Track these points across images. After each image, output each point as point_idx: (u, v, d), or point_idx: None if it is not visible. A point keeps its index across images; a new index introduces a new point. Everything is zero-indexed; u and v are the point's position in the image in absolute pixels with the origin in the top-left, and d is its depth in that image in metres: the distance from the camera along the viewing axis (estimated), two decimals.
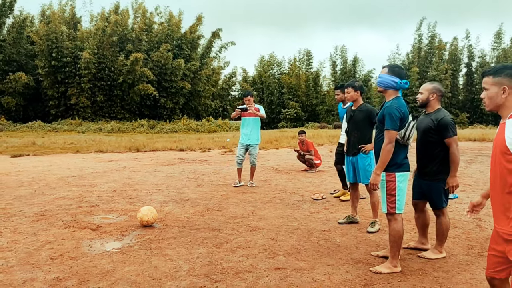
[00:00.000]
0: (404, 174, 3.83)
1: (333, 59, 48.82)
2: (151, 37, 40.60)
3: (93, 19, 42.87)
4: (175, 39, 41.24)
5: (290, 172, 10.25)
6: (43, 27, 36.82)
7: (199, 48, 44.61)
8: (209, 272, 3.79)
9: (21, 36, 39.02)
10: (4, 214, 5.90)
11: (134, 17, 42.59)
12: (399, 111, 3.70)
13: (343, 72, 47.76)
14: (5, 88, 37.01)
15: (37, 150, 16.37)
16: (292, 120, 43.98)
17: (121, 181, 8.87)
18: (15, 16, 40.27)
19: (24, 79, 36.38)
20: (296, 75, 46.97)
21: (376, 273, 3.77)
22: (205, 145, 18.19)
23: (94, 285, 3.49)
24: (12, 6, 39.73)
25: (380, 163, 3.75)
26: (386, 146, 3.70)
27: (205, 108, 44.12)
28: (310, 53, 49.13)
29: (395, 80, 3.76)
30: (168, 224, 5.39)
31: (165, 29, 41.16)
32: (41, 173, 10.19)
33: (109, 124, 34.04)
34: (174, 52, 39.62)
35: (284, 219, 5.67)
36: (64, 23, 38.83)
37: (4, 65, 37.75)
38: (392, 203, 3.80)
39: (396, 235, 3.79)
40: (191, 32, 42.30)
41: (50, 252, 4.29)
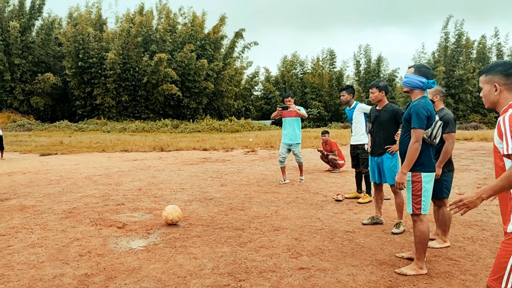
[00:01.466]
0: (430, 175, 3.77)
1: (357, 58, 48.46)
2: (175, 38, 41.05)
3: (118, 20, 43.67)
4: (198, 40, 41.58)
5: (313, 172, 10.22)
6: (71, 28, 37.67)
7: (222, 48, 44.89)
8: (233, 271, 3.82)
9: (49, 38, 40.01)
10: (34, 211, 6.07)
11: (158, 18, 43.14)
12: (426, 109, 3.68)
13: (367, 72, 47.32)
14: (34, 88, 38.06)
15: (64, 149, 16.76)
16: (315, 120, 43.79)
17: (146, 180, 9.00)
18: (43, 18, 41.36)
19: (52, 80, 37.33)
20: (319, 74, 46.74)
21: (401, 275, 3.73)
22: (228, 144, 18.29)
23: (121, 281, 3.56)
24: (41, 9, 40.81)
25: (407, 162, 3.71)
26: (413, 145, 3.67)
27: (228, 108, 44.35)
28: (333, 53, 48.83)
29: (421, 80, 3.72)
30: (192, 223, 5.45)
31: (188, 29, 41.55)
32: (68, 171, 10.43)
33: (133, 123, 34.58)
34: (197, 52, 39.96)
35: (308, 220, 5.65)
36: (90, 25, 39.63)
37: (33, 66, 38.78)
38: (417, 204, 3.75)
39: (422, 236, 3.74)
40: (215, 33, 42.59)
41: (78, 249, 4.39)
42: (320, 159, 11.03)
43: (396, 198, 5.17)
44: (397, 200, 5.15)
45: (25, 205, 6.52)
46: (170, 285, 3.49)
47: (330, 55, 48.99)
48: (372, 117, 5.41)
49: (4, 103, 37.61)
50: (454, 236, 4.84)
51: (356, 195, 7.05)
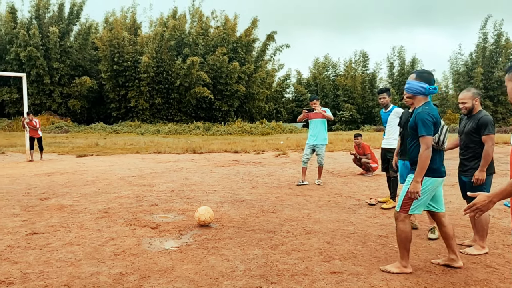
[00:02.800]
0: (431, 179, 3.76)
1: (390, 60, 47.66)
2: (207, 41, 41.46)
3: (152, 25, 44.47)
4: (230, 43, 41.86)
5: (346, 176, 10.11)
6: (106, 33, 38.64)
7: (254, 51, 45.03)
8: (265, 273, 3.82)
9: (86, 42, 41.17)
10: (72, 211, 6.25)
11: (191, 21, 43.71)
12: (431, 116, 3.68)
13: (401, 74, 46.46)
14: (71, 91, 39.25)
15: (99, 151, 17.19)
16: (347, 123, 43.31)
17: (178, 182, 9.12)
18: (81, 23, 42.60)
19: (88, 83, 38.39)
20: (352, 76, 46.23)
21: (386, 272, 3.83)
22: (259, 147, 18.32)
23: (155, 281, 3.62)
24: (79, 15, 42.08)
25: (419, 170, 3.68)
26: (424, 152, 3.64)
27: (259, 111, 44.43)
28: (366, 55, 48.16)
29: (423, 86, 3.74)
30: (224, 225, 5.48)
31: (221, 32, 41.89)
32: (103, 172, 10.69)
33: (166, 126, 35.11)
34: (229, 55, 40.23)
35: (340, 223, 5.60)
36: (125, 29, 40.55)
37: (71, 70, 40.00)
38: (407, 204, 3.79)
39: (402, 235, 3.80)
40: (246, 35, 42.78)
41: (113, 248, 4.49)
42: (352, 162, 10.90)
43: None
44: None
45: (63, 204, 6.72)
46: (202, 286, 3.52)
47: (363, 57, 48.35)
48: (404, 120, 5.32)
49: (44, 106, 38.91)
50: (493, 243, 4.69)
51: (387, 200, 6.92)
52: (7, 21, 39.51)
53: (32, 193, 7.71)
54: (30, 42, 36.82)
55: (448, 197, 7.36)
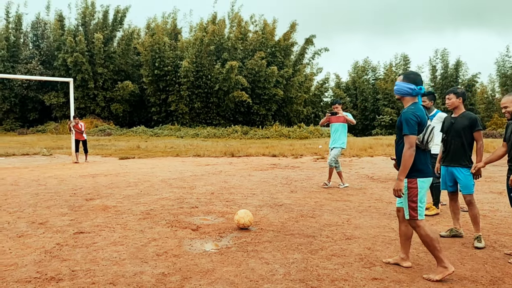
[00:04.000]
0: (425, 180, 3.83)
1: (432, 63, 46.51)
2: (246, 46, 41.79)
3: (192, 30, 45.28)
4: (269, 47, 42.01)
5: (387, 181, 9.93)
6: (148, 38, 39.64)
7: (292, 55, 45.00)
8: (305, 277, 3.81)
9: (129, 47, 42.39)
10: (115, 212, 6.45)
11: (230, 26, 44.18)
12: (415, 116, 3.75)
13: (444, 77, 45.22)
14: (114, 95, 40.52)
15: (141, 153, 17.64)
16: (387, 127, 42.53)
17: (218, 184, 9.23)
18: (124, 29, 43.95)
19: (130, 87, 39.51)
20: (392, 80, 45.38)
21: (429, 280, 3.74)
22: (297, 151, 18.28)
23: (196, 282, 3.68)
24: (122, 21, 43.45)
25: (403, 168, 3.75)
26: (407, 151, 3.72)
27: (297, 115, 44.32)
28: (407, 58, 47.23)
29: (410, 87, 3.85)
30: (263, 228, 5.50)
31: (259, 37, 42.12)
32: (145, 174, 10.95)
33: (205, 129, 35.61)
34: (267, 59, 40.38)
35: (381, 229, 5.50)
36: (166, 34, 41.46)
37: (114, 75, 41.30)
38: (414, 210, 3.81)
39: (426, 239, 3.80)
40: (285, 39, 42.82)
41: (156, 249, 4.60)
42: (393, 167, 10.67)
43: (471, 210, 4.91)
44: (472, 212, 4.88)
45: (107, 205, 6.94)
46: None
47: (404, 60, 47.42)
48: (447, 125, 5.18)
49: (88, 110, 40.33)
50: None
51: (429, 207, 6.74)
52: (55, 29, 41.31)
53: (78, 194, 8.01)
54: (77, 48, 38.29)
55: (495, 205, 7.10)
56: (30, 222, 5.75)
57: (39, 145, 22.47)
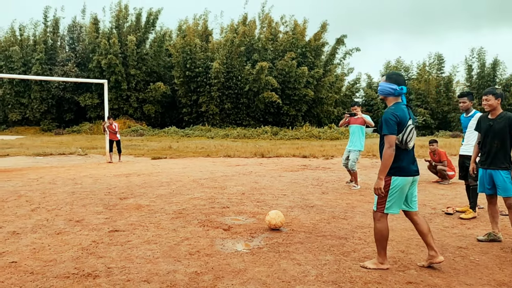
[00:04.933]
0: (399, 178, 3.90)
1: (468, 62, 45.24)
2: (276, 46, 41.74)
3: (223, 31, 45.54)
4: (299, 47, 41.83)
5: (420, 183, 9.71)
6: (180, 40, 40.16)
7: (323, 55, 44.66)
8: (337, 279, 3.78)
9: (160, 49, 43.07)
10: (149, 211, 6.57)
11: (260, 27, 44.22)
12: (394, 116, 3.84)
13: (480, 77, 43.93)
14: (146, 97, 41.26)
15: (173, 154, 17.88)
16: (420, 128, 41.66)
17: (248, 185, 9.26)
18: (156, 31, 44.70)
19: (162, 89, 40.13)
20: (426, 80, 44.48)
21: (364, 268, 4.03)
22: (327, 152, 18.14)
23: (228, 282, 3.70)
24: (154, 23, 44.20)
25: (382, 167, 3.86)
26: (387, 151, 3.82)
27: (327, 115, 43.98)
28: (441, 57, 46.14)
29: (392, 87, 3.95)
30: (295, 229, 5.49)
31: (290, 37, 42.00)
32: (177, 174, 11.10)
33: (235, 130, 35.77)
34: (298, 60, 40.21)
35: (415, 232, 5.37)
36: (197, 36, 41.88)
37: (146, 76, 42.05)
38: (381, 204, 3.98)
39: (379, 233, 4.02)
40: (316, 40, 42.55)
41: (188, 248, 4.66)
42: (427, 169, 10.45)
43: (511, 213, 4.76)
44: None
45: (140, 204, 7.07)
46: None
47: (438, 59, 46.34)
48: (485, 127, 5.03)
49: (121, 110, 41.20)
50: None
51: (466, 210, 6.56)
52: (90, 32, 42.43)
53: (112, 193, 8.19)
54: (110, 50, 39.18)
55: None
56: (67, 220, 5.93)
57: (75, 145, 23.12)
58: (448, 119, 42.70)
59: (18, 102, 41.99)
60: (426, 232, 4.08)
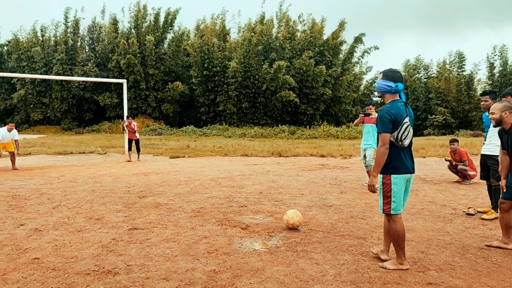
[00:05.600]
0: (399, 177, 3.91)
1: (490, 60, 44.36)
2: (294, 45, 41.64)
3: (241, 30, 45.61)
4: (317, 46, 41.67)
5: (440, 183, 9.59)
6: (197, 40, 40.38)
7: (341, 54, 44.41)
8: (356, 279, 3.75)
9: (178, 49, 43.37)
10: (167, 209, 6.62)
11: (278, 26, 44.17)
12: (389, 114, 3.84)
13: (503, 75, 43.05)
14: (164, 96, 41.61)
15: (190, 153, 18.00)
16: (440, 127, 41.07)
17: (266, 184, 9.26)
18: (174, 31, 45.05)
19: (180, 88, 40.43)
20: (446, 78, 43.76)
21: (383, 268, 3.99)
22: (346, 151, 18.02)
23: (246, 280, 3.71)
24: (172, 23, 44.55)
25: (376, 165, 3.89)
26: (380, 149, 3.84)
27: (346, 114, 43.70)
28: (462, 55, 45.32)
29: (389, 84, 3.96)
30: (313, 229, 5.47)
31: (307, 36, 41.85)
32: (195, 173, 11.17)
33: (252, 129, 35.80)
34: (315, 58, 40.06)
35: (435, 233, 5.32)
36: (215, 36, 42.04)
37: (164, 76, 42.41)
38: (387, 204, 3.96)
39: (395, 234, 3.99)
40: (333, 38, 42.32)
41: (207, 246, 4.68)
42: (447, 169, 10.30)
43: None
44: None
45: (159, 202, 7.13)
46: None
47: (459, 57, 45.53)
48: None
49: (140, 110, 41.64)
50: None
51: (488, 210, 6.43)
52: (109, 32, 42.99)
53: (131, 191, 8.28)
54: (129, 50, 39.63)
55: None
56: (87, 218, 6.02)
57: (94, 144, 23.45)
58: (469, 118, 41.99)
59: (39, 102, 42.81)
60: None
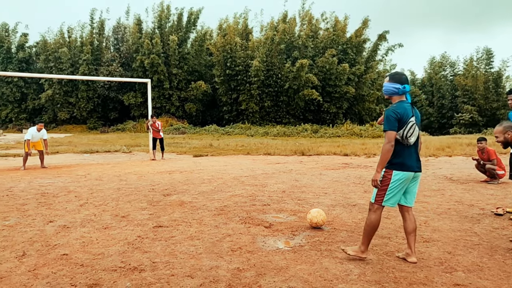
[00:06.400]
0: (401, 173, 3.99)
1: None
2: (317, 43, 41.41)
3: (263, 29, 45.65)
4: (340, 44, 41.33)
5: (467, 183, 9.39)
6: (220, 39, 40.56)
7: (364, 52, 43.94)
8: (381, 279, 3.71)
9: (201, 48, 43.68)
10: (191, 207, 6.68)
11: (300, 24, 44.01)
12: (394, 112, 3.97)
13: None
14: (188, 95, 41.98)
15: (213, 151, 18.10)
16: (466, 126, 40.23)
17: (289, 183, 9.25)
18: (197, 31, 45.39)
19: (203, 87, 40.71)
20: (473, 76, 42.83)
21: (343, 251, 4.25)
22: (369, 150, 17.83)
23: (270, 279, 3.71)
24: (195, 22, 44.88)
25: (380, 161, 3.98)
26: (385, 146, 3.94)
27: (369, 113, 43.25)
28: (490, 51, 44.26)
29: (396, 86, 4.08)
30: (337, 228, 5.44)
31: (330, 34, 41.57)
32: (218, 172, 11.23)
33: (275, 128, 35.78)
34: (338, 57, 39.75)
35: (462, 233, 5.22)
36: (237, 35, 42.17)
37: (188, 75, 42.78)
38: (380, 196, 4.06)
39: (370, 224, 4.10)
40: (357, 36, 41.90)
41: (230, 244, 4.70)
42: (475, 168, 10.08)
43: None
44: None
45: (183, 201, 7.21)
46: (317, 287, 3.53)
47: (487, 54, 44.48)
48: None
49: (164, 109, 42.12)
50: None
51: None
52: (134, 32, 43.59)
53: (156, 189, 8.39)
54: (153, 50, 40.12)
55: None
56: (113, 215, 6.12)
57: (119, 143, 23.83)
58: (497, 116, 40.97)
59: (66, 102, 43.75)
60: (411, 231, 4.17)
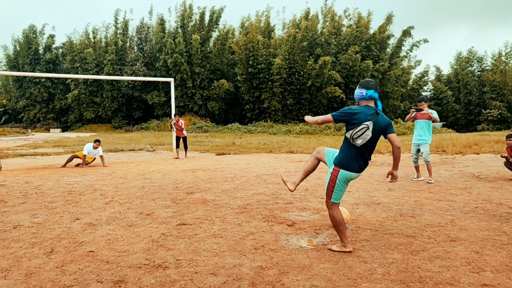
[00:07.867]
0: (346, 173, 4.27)
1: None
2: (340, 40, 41.07)
3: (285, 27, 45.53)
4: (363, 41, 40.89)
5: (495, 181, 9.16)
6: (242, 37, 40.65)
7: (388, 48, 43.37)
8: (406, 279, 3.65)
9: (224, 47, 43.88)
10: (214, 205, 6.72)
11: (323, 21, 43.73)
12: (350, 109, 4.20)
13: None
14: (210, 94, 42.23)
15: (236, 150, 18.16)
16: (495, 122, 39.26)
17: (312, 181, 9.19)
18: (219, 30, 45.60)
19: (225, 86, 40.90)
20: (501, 71, 41.76)
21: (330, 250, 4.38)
22: None
23: (293, 277, 3.70)
24: (217, 21, 45.10)
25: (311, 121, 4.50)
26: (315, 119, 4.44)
27: (393, 110, 42.67)
28: None
29: (362, 92, 4.28)
30: (360, 227, 5.38)
31: (353, 31, 41.17)
32: (241, 170, 11.26)
33: (297, 126, 35.67)
34: (362, 53, 39.34)
35: (490, 232, 5.10)
36: (259, 33, 42.17)
37: (210, 74, 43.04)
38: (329, 192, 4.36)
39: (333, 220, 4.41)
40: (380, 32, 41.39)
41: (253, 242, 4.71)
42: (503, 166, 9.83)
43: None
44: None
45: (206, 199, 7.25)
46: (340, 286, 3.51)
47: None
48: None
49: (187, 108, 42.49)
50: None
51: None
52: (157, 32, 44.11)
53: (179, 187, 8.47)
54: (176, 49, 40.48)
55: None
56: (138, 213, 6.21)
57: (143, 141, 24.15)
58: None
59: (91, 101, 44.59)
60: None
